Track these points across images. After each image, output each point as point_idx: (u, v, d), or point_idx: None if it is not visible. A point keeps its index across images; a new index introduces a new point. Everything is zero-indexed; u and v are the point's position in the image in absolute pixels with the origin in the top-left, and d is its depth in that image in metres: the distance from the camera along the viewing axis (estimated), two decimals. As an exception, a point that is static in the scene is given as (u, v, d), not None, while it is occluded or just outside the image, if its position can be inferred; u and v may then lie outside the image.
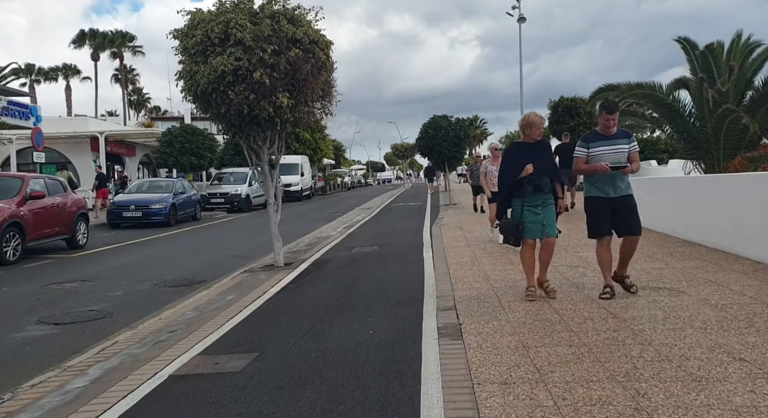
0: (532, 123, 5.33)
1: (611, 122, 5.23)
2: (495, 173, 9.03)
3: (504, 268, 7.12)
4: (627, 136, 5.30)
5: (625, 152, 5.20)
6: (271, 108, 7.81)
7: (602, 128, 5.28)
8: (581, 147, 5.34)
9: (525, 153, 5.31)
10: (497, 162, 9.10)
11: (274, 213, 8.81)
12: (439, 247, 9.39)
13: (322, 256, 9.36)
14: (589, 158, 5.26)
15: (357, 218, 17.07)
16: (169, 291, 7.56)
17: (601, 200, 5.25)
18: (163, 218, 16.61)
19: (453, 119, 20.65)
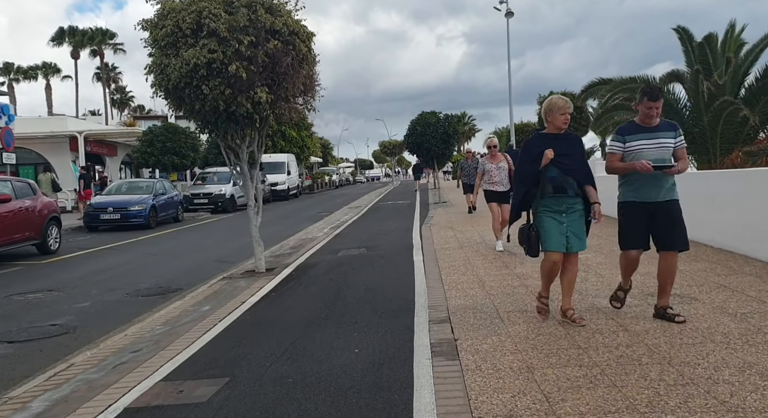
0: (555, 107, 4.33)
1: (654, 111, 4.22)
2: (495, 173, 8.46)
3: (499, 272, 6.68)
4: (672, 129, 4.34)
5: (669, 148, 4.26)
6: (249, 104, 7.30)
7: (642, 118, 4.31)
8: (616, 141, 4.38)
9: (547, 145, 4.35)
10: (496, 160, 8.56)
11: (254, 215, 8.30)
12: (429, 249, 8.94)
13: (306, 260, 8.86)
14: (625, 155, 4.33)
15: (344, 218, 16.59)
16: (141, 301, 7.03)
17: (638, 206, 4.31)
18: (142, 220, 16.00)
19: (441, 116, 20.20)
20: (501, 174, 8.50)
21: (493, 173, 8.54)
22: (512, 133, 34.35)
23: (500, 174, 8.51)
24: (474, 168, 14.17)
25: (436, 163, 20.71)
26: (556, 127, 4.41)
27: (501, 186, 8.47)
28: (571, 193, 4.32)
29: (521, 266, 6.92)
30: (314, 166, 49.23)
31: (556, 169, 4.32)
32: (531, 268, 6.73)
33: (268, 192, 27.90)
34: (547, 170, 4.31)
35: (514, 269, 6.82)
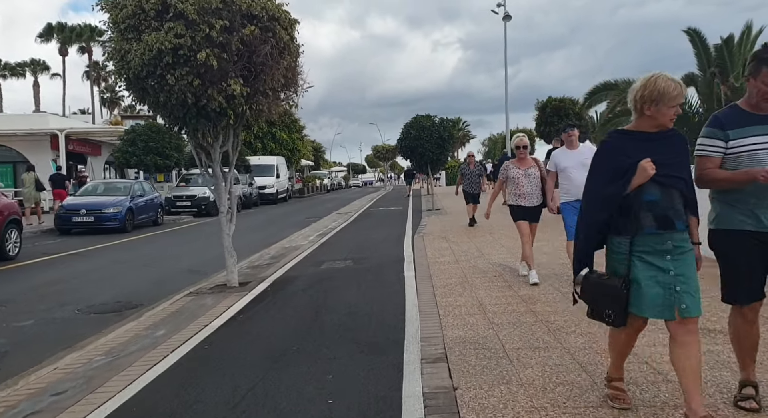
0: (665, 95, 2.69)
1: None
2: (523, 182, 6.52)
3: (502, 294, 5.85)
4: None
5: None
6: (222, 97, 6.45)
7: (752, 100, 2.85)
8: (711, 137, 2.89)
9: (640, 150, 2.75)
10: (524, 165, 6.62)
11: (226, 223, 7.42)
12: (422, 263, 8.10)
13: (285, 273, 7.99)
14: (728, 159, 2.87)
15: (333, 225, 15.73)
16: (92, 320, 6.14)
17: (746, 236, 2.86)
18: (117, 223, 15.05)
19: (437, 119, 19.39)
20: (531, 184, 6.51)
21: (521, 182, 6.52)
22: (508, 140, 33.69)
23: (530, 184, 6.50)
24: (477, 175, 13.16)
25: (430, 169, 19.89)
26: (657, 123, 2.77)
27: (532, 199, 6.51)
28: (680, 226, 2.75)
29: (526, 287, 6.09)
30: (305, 170, 48.32)
31: (657, 189, 2.74)
32: (539, 290, 5.90)
33: (256, 195, 27.01)
34: (642, 191, 2.74)
35: (518, 290, 5.99)
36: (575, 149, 6.19)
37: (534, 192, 6.52)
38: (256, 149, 33.34)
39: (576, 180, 5.75)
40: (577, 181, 5.59)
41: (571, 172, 5.98)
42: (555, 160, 6.22)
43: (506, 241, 9.81)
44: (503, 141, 45.18)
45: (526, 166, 6.63)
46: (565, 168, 6.07)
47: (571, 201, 5.97)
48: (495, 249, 8.99)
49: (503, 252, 8.62)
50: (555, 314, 4.90)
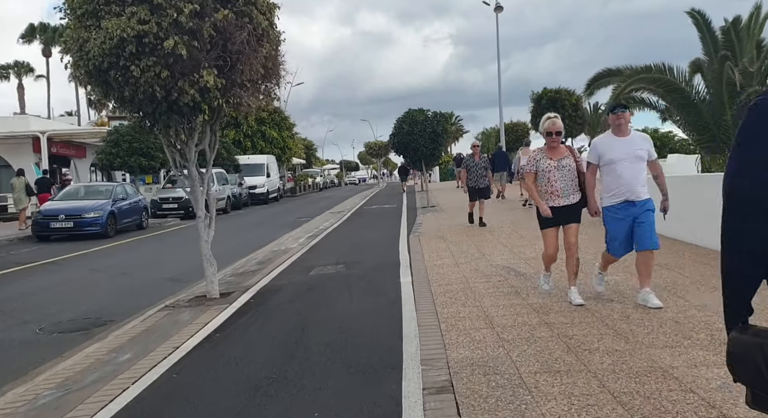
0: None
1: None
2: (555, 176, 5.04)
3: (509, 303, 5.25)
4: None
5: None
6: (194, 90, 5.82)
7: None
8: None
9: None
10: (557, 154, 5.11)
11: (204, 229, 6.80)
12: (419, 266, 7.50)
13: (271, 281, 7.37)
14: None
15: (325, 225, 15.11)
16: (54, 341, 5.52)
17: None
18: (99, 228, 14.37)
19: (430, 113, 18.75)
20: (566, 178, 5.03)
21: (553, 177, 5.04)
22: (502, 133, 33.10)
23: (564, 178, 5.03)
24: (484, 167, 11.58)
25: (424, 165, 19.28)
26: None
27: (567, 196, 5.04)
28: None
29: (536, 295, 5.50)
30: (297, 168, 47.63)
31: None
32: (551, 298, 5.31)
33: (246, 196, 26.34)
34: None
35: (527, 297, 5.40)
36: (625, 136, 4.79)
37: (569, 188, 5.05)
38: (245, 148, 32.67)
39: (626, 176, 4.68)
40: (628, 178, 4.67)
41: (619, 167, 4.70)
42: (598, 150, 4.85)
43: (507, 240, 9.23)
44: (497, 135, 44.66)
45: (558, 156, 5.08)
46: (611, 161, 4.74)
47: (616, 204, 4.77)
48: (496, 249, 8.40)
49: (505, 252, 8.04)
50: (573, 327, 4.31)
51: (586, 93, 11.57)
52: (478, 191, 11.50)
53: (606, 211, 4.90)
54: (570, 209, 5.06)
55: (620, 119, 4.81)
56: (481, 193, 11.49)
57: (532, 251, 7.92)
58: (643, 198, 4.72)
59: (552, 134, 5.11)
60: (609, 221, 4.86)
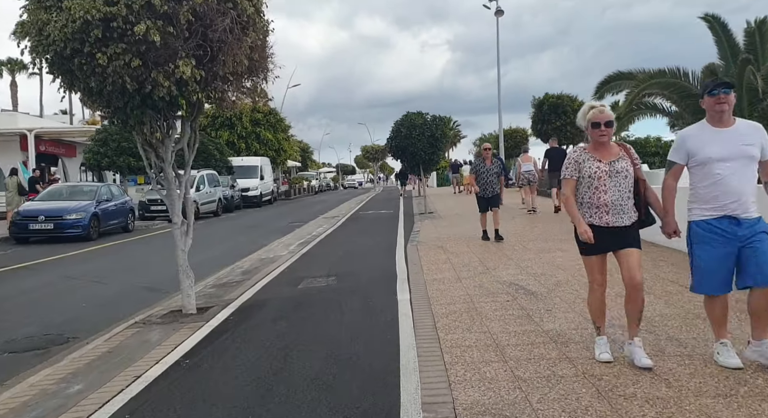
0: None
1: None
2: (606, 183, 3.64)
3: (521, 328, 4.62)
4: None
5: None
6: (170, 83, 5.19)
7: None
8: None
9: None
10: (608, 155, 3.69)
11: (181, 237, 6.15)
12: (418, 280, 6.87)
13: (255, 295, 6.72)
14: None
15: (318, 231, 14.46)
16: (2, 363, 4.86)
17: None
18: (80, 230, 13.68)
19: (429, 117, 18.12)
20: (621, 186, 3.64)
21: (603, 185, 3.65)
22: (501, 139, 32.54)
23: (619, 186, 3.64)
24: (495, 173, 9.90)
25: (422, 170, 18.65)
26: None
27: (621, 213, 3.64)
28: None
29: (551, 319, 4.87)
30: (292, 171, 46.98)
31: None
32: (567, 323, 4.68)
33: (238, 198, 25.68)
34: None
35: (540, 322, 4.77)
36: (728, 127, 3.48)
37: (624, 200, 3.61)
38: (239, 150, 32.01)
39: (730, 182, 3.40)
40: (733, 185, 3.39)
41: (719, 168, 3.41)
42: (687, 146, 3.54)
43: (511, 252, 8.60)
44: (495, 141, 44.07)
45: (611, 157, 3.65)
46: (708, 160, 3.44)
47: (711, 219, 3.47)
48: (501, 262, 7.78)
49: (511, 266, 7.41)
50: (600, 364, 3.68)
51: (596, 97, 10.97)
52: (488, 200, 9.90)
53: (696, 228, 3.52)
54: (625, 230, 3.65)
55: (722, 104, 3.43)
56: (490, 201, 9.89)
57: (540, 265, 7.30)
58: (753, 215, 3.41)
59: (600, 126, 3.61)
60: (700, 244, 3.51)
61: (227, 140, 31.55)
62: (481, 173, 9.99)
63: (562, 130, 20.57)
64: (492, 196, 9.91)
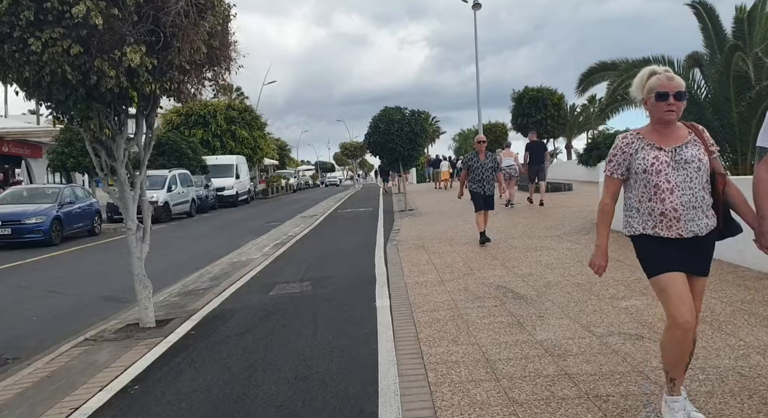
0: None
1: None
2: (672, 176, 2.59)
3: (512, 337, 4.18)
4: None
5: None
6: (117, 72, 4.64)
7: None
8: None
9: None
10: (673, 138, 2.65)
11: (136, 244, 5.60)
12: (399, 284, 6.41)
13: (222, 304, 6.19)
14: None
15: (295, 230, 13.92)
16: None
17: None
18: (41, 235, 12.93)
19: (407, 112, 17.68)
20: (692, 183, 2.60)
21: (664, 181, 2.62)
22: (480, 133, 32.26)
23: (690, 183, 2.60)
24: (491, 168, 8.84)
25: (401, 166, 18.20)
26: None
27: (695, 219, 2.60)
28: None
29: (544, 326, 4.44)
30: (270, 169, 46.17)
31: None
32: (562, 331, 4.25)
33: (213, 198, 24.95)
34: None
35: (533, 331, 4.33)
36: None
37: (698, 202, 2.60)
38: (214, 148, 31.18)
39: None
40: None
41: None
42: None
43: (496, 250, 8.19)
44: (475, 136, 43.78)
45: (676, 142, 2.64)
46: None
47: None
48: (486, 262, 7.36)
49: (497, 267, 6.99)
50: (605, 380, 3.26)
51: (579, 89, 10.61)
52: (483, 199, 8.81)
53: None
54: (701, 244, 2.63)
55: None
56: (488, 201, 8.86)
57: (527, 265, 6.89)
58: None
59: (668, 97, 2.57)
60: None
61: (201, 139, 30.69)
62: (475, 169, 8.88)
63: (542, 124, 20.30)
64: (487, 194, 8.80)
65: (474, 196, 8.92)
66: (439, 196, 23.35)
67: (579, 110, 48.60)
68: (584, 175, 25.58)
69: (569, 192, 18.88)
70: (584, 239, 8.44)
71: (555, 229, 9.84)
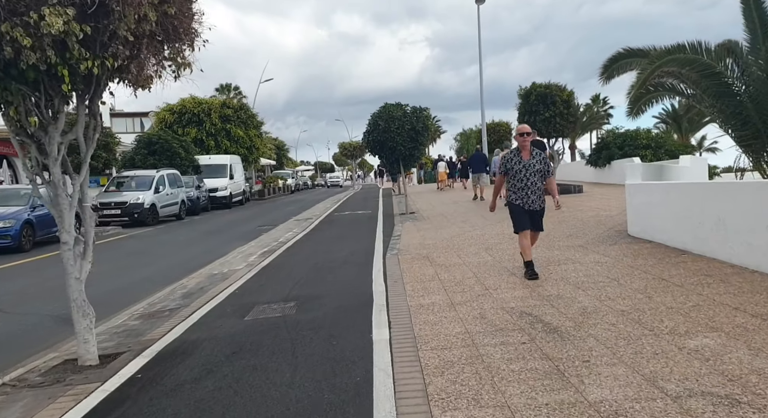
0: None
1: None
2: None
3: (554, 398, 3.10)
4: None
5: None
6: (40, 43, 3.58)
7: None
8: None
9: None
10: None
11: (74, 261, 4.53)
12: (400, 308, 5.33)
13: (185, 333, 5.10)
14: None
15: (287, 236, 12.84)
16: None
17: None
18: (10, 241, 11.88)
19: (409, 109, 16.58)
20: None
21: None
22: (484, 133, 31.16)
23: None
24: (539, 172, 6.13)
25: (402, 167, 17.10)
26: None
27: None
28: None
29: (594, 378, 3.34)
30: (267, 170, 45.08)
31: None
32: (620, 387, 3.14)
33: (205, 199, 23.87)
34: None
35: (580, 385, 3.24)
36: None
37: None
38: (209, 148, 30.09)
39: None
40: None
41: None
42: None
43: (514, 264, 7.10)
44: (476, 136, 42.70)
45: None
46: None
47: None
48: (502, 279, 6.28)
49: (516, 285, 5.91)
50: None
51: (604, 77, 9.48)
52: (531, 215, 6.21)
53: None
54: None
55: None
56: (535, 218, 6.24)
57: (553, 284, 5.81)
58: None
59: None
60: None
61: (195, 138, 29.61)
62: (516, 172, 6.17)
63: (550, 122, 19.16)
64: (538, 208, 6.20)
65: (514, 210, 6.24)
66: (442, 197, 22.28)
67: (583, 109, 47.53)
68: (593, 176, 24.49)
69: (580, 194, 17.83)
70: (613, 251, 7.36)
71: (575, 237, 8.76)
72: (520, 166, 6.20)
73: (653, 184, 8.68)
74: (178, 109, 30.67)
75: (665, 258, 6.57)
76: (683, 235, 6.86)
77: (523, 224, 6.19)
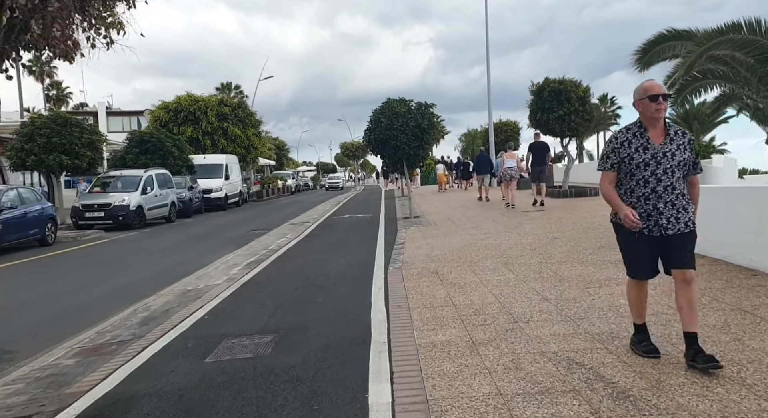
0: None
1: None
2: None
3: None
4: None
5: None
6: None
7: None
8: None
9: None
10: None
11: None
12: (406, 349, 4.11)
13: (125, 381, 3.89)
14: None
15: (278, 243, 11.64)
16: None
17: None
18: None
19: (413, 105, 15.35)
20: None
21: None
22: (491, 133, 29.90)
23: None
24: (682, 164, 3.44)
25: (406, 167, 15.87)
26: None
27: None
28: None
29: None
30: (267, 170, 43.92)
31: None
32: None
33: (198, 201, 22.71)
34: None
35: None
36: None
37: None
38: (205, 147, 28.95)
39: None
40: None
41: None
42: None
43: (542, 284, 5.86)
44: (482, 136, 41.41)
45: None
46: None
47: None
48: (532, 305, 5.05)
49: (553, 315, 4.68)
50: None
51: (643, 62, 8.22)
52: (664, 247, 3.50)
53: None
54: None
55: None
56: (672, 252, 3.48)
57: (601, 316, 4.57)
58: None
59: None
60: None
61: (190, 136, 28.47)
62: (639, 165, 3.47)
63: (564, 120, 17.91)
64: (678, 232, 3.43)
65: (628, 242, 3.60)
66: (446, 199, 21.08)
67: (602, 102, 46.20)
68: (606, 178, 23.26)
69: (597, 197, 16.55)
70: (661, 267, 6.11)
71: (607, 249, 7.52)
72: (647, 156, 3.44)
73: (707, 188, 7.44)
74: (173, 107, 29.57)
75: (734, 280, 5.33)
76: (753, 251, 5.63)
77: (641, 267, 3.59)
